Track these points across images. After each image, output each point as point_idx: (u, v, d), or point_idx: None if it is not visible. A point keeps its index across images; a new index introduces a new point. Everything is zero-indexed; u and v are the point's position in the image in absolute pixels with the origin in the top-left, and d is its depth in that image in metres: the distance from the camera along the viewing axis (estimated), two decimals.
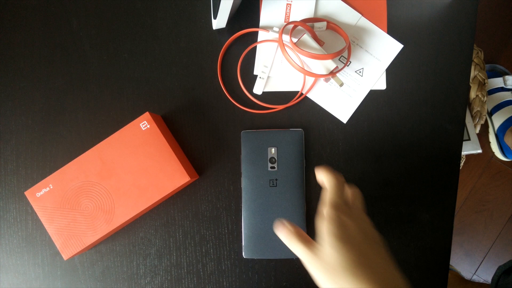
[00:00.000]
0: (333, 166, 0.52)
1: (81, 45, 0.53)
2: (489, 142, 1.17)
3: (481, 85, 0.88)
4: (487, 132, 1.17)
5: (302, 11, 0.52)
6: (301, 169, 0.50)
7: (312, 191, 0.52)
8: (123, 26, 0.53)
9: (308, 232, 0.51)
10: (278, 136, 0.51)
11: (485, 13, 1.19)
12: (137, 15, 0.53)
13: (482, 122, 0.89)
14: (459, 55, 0.53)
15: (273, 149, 0.50)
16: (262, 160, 0.50)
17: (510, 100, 1.09)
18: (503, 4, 1.19)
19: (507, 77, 1.10)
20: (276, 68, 0.52)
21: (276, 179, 0.50)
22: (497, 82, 1.11)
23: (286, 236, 0.37)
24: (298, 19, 0.52)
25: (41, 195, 0.47)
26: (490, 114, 1.13)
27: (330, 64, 0.49)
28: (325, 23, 0.51)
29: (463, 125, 0.52)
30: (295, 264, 0.51)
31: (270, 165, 0.50)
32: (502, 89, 1.11)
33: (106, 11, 0.53)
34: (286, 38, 0.50)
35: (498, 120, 1.11)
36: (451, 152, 0.52)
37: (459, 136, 0.52)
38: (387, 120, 0.52)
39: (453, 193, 0.52)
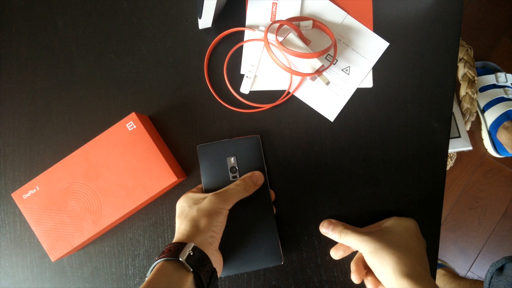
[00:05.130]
0: (321, 165, 0.52)
1: (67, 46, 0.53)
2: (482, 139, 1.17)
3: (471, 82, 0.89)
4: (479, 129, 1.17)
5: (288, 10, 0.52)
6: (264, 175, 0.49)
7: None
8: (109, 26, 0.53)
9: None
10: (235, 145, 0.50)
11: (477, 11, 1.20)
12: (123, 15, 0.53)
13: (473, 119, 0.89)
14: (445, 52, 0.53)
15: (232, 159, 0.49)
16: (222, 171, 0.49)
17: (503, 97, 1.09)
18: (495, 1, 1.20)
19: (499, 74, 1.10)
20: (262, 67, 0.52)
21: None
22: (489, 79, 1.11)
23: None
24: (284, 18, 0.52)
25: (28, 197, 0.47)
26: (483, 111, 1.13)
27: (316, 63, 0.49)
28: (311, 21, 0.51)
29: (449, 122, 0.52)
30: (284, 263, 0.51)
31: (231, 174, 0.49)
32: (494, 86, 1.11)
33: (92, 11, 0.53)
34: (272, 37, 0.50)
35: (490, 117, 1.11)
36: (438, 149, 0.52)
37: (446, 133, 0.52)
38: (374, 118, 0.52)
39: (440, 189, 0.52)
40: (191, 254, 0.38)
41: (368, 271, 0.48)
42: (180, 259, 0.37)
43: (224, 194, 0.45)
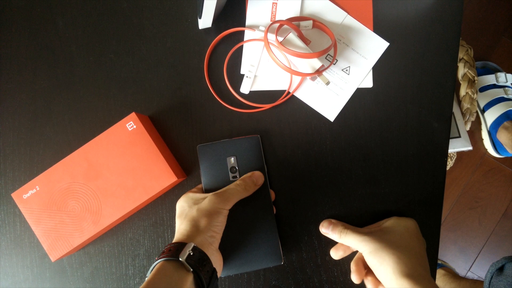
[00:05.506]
0: (321, 165, 0.52)
1: (67, 46, 0.53)
2: (482, 139, 1.17)
3: (471, 82, 0.89)
4: (479, 129, 1.17)
5: (288, 10, 0.52)
6: (264, 175, 0.49)
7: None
8: (109, 26, 0.53)
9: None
10: (235, 145, 0.50)
11: (477, 11, 1.20)
12: (123, 15, 0.53)
13: (473, 119, 0.89)
14: (445, 52, 0.53)
15: (232, 159, 0.49)
16: (222, 171, 0.49)
17: (503, 97, 1.09)
18: (494, 1, 1.20)
19: (499, 74, 1.10)
20: (262, 67, 0.52)
21: None
22: (489, 79, 1.11)
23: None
24: (284, 18, 0.52)
25: (28, 197, 0.47)
26: (483, 111, 1.13)
27: (316, 63, 0.49)
28: (311, 21, 0.51)
29: (449, 123, 0.52)
30: (284, 263, 0.51)
31: (231, 174, 0.49)
32: (494, 86, 1.11)
33: (92, 11, 0.53)
34: (272, 37, 0.50)
35: (490, 117, 1.11)
36: (438, 149, 0.52)
37: (446, 133, 0.52)
38: (374, 118, 0.52)
39: (440, 189, 0.52)
40: (191, 254, 0.38)
41: (368, 271, 0.48)
42: (180, 259, 0.37)
43: (224, 194, 0.45)
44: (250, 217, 0.48)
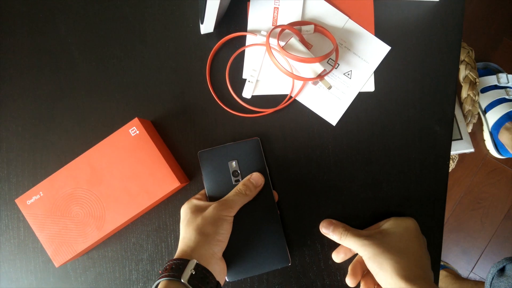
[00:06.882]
0: (323, 169, 0.52)
1: (69, 52, 0.53)
2: (484, 140, 1.17)
3: (472, 84, 0.89)
4: (481, 130, 1.17)
5: (289, 15, 0.53)
6: (266, 176, 0.50)
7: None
8: (111, 31, 0.53)
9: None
10: (236, 148, 0.50)
11: (478, 11, 1.20)
12: (125, 20, 0.53)
13: (474, 121, 0.89)
14: (447, 56, 0.53)
15: (233, 163, 0.49)
16: (225, 176, 0.49)
17: (504, 98, 1.09)
18: (496, 1, 1.20)
19: (500, 74, 1.10)
20: (265, 72, 0.52)
21: None
22: (491, 80, 1.11)
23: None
24: (286, 23, 0.52)
25: (32, 203, 0.47)
26: (484, 112, 1.13)
27: (318, 67, 0.49)
28: (312, 26, 0.52)
29: (451, 126, 0.52)
30: (288, 267, 0.51)
31: (234, 178, 0.49)
32: (495, 87, 1.11)
33: (94, 16, 0.53)
34: (273, 41, 0.50)
35: (492, 118, 1.11)
36: (440, 153, 0.52)
37: (448, 137, 0.52)
38: (376, 122, 0.52)
39: (443, 192, 0.52)
40: (193, 273, 0.39)
41: (366, 274, 0.48)
42: (182, 280, 0.38)
43: (227, 202, 0.45)
44: (254, 219, 0.48)
